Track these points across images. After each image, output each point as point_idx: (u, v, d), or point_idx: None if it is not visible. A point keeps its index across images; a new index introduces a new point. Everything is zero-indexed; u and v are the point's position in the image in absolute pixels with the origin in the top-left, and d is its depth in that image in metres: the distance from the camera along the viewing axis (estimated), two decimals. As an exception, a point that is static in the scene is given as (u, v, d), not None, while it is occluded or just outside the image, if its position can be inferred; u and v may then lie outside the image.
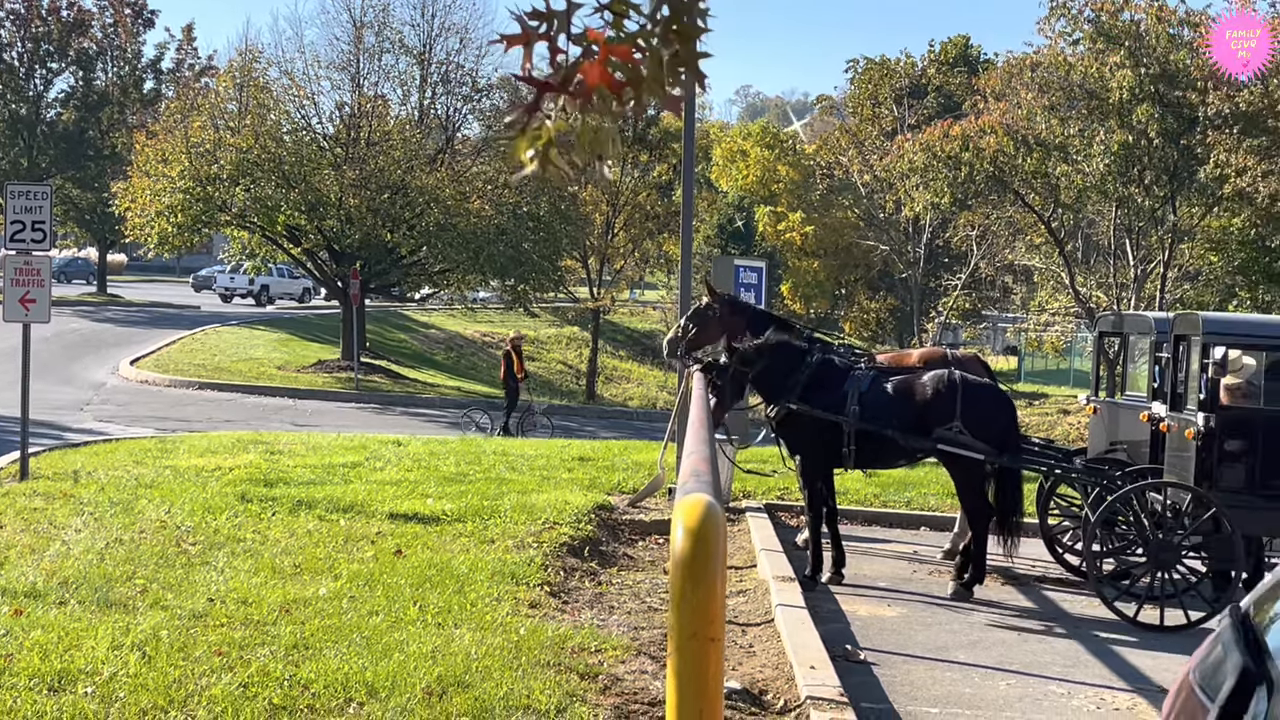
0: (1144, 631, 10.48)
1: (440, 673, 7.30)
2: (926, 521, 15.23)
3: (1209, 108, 27.69)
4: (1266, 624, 2.28)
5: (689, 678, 2.92)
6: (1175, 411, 11.34)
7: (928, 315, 42.78)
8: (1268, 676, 2.03)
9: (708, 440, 5.06)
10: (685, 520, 2.92)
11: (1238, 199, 28.30)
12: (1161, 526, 10.76)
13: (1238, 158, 27.16)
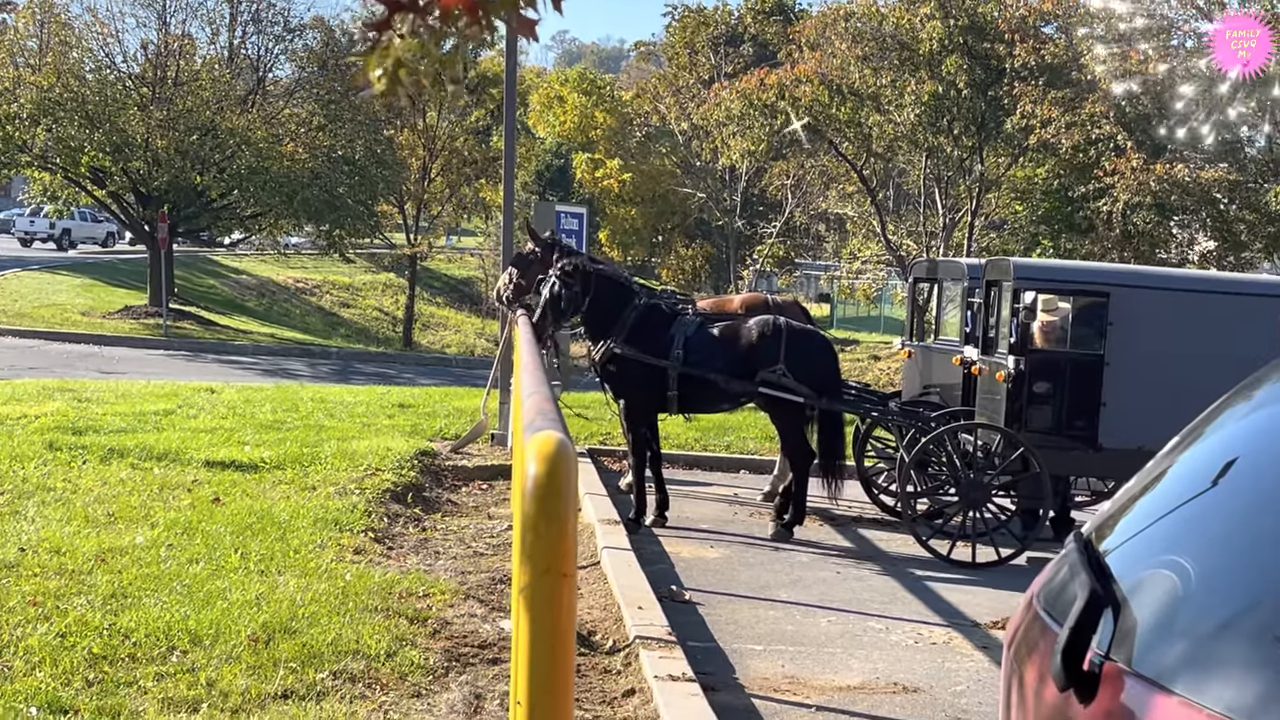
0: (957, 568, 10.79)
1: (265, 620, 7.18)
2: (746, 465, 15.44)
3: (1015, 60, 28.37)
4: (1107, 550, 2.35)
5: (542, 616, 2.90)
6: (987, 355, 11.65)
7: (744, 263, 43.23)
8: (1113, 598, 2.10)
9: (546, 381, 5.04)
10: (538, 456, 2.90)
11: (1042, 149, 29.09)
12: (973, 467, 11.07)
13: (1043, 109, 27.89)
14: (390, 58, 2.24)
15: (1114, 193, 27.41)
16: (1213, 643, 1.90)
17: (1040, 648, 2.32)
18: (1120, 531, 2.44)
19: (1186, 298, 11.05)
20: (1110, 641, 2.05)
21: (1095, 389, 10.92)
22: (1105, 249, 28.48)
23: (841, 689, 7.53)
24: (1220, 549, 2.11)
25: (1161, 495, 2.42)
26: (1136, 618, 2.05)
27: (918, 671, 7.93)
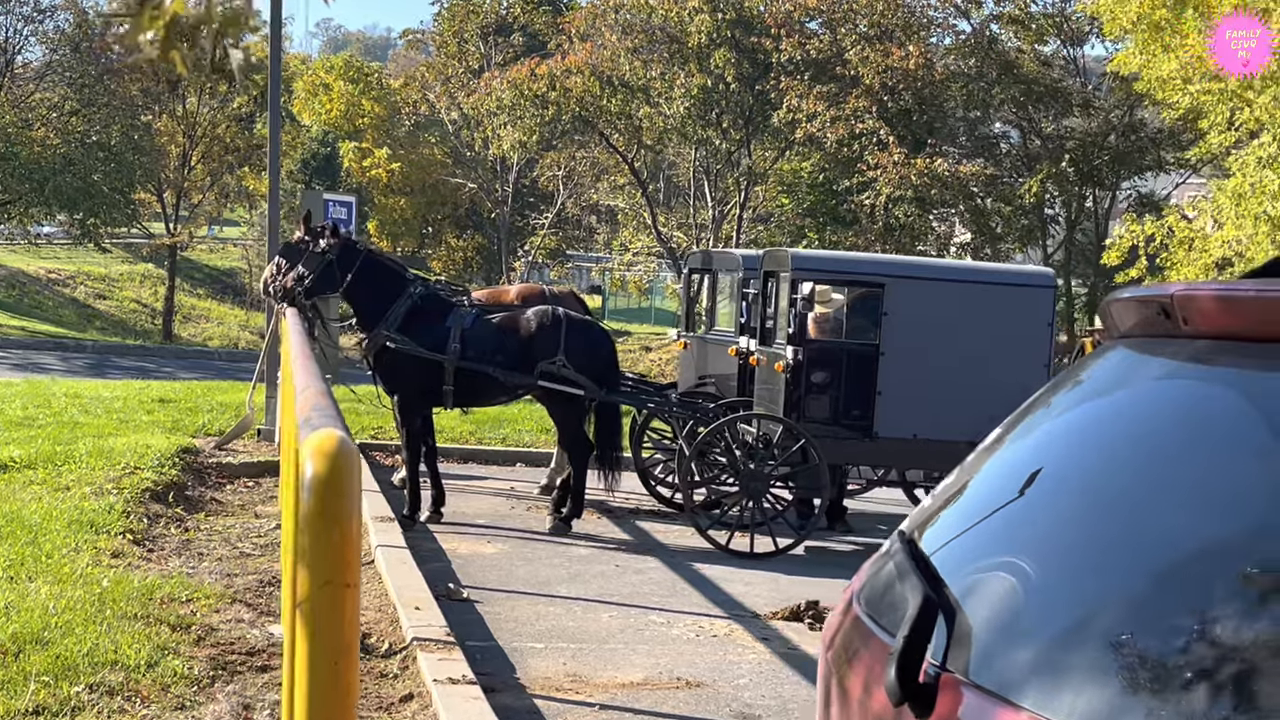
0: (736, 559, 10.79)
1: (15, 630, 6.70)
2: (522, 458, 15.26)
3: (782, 54, 28.74)
4: (932, 550, 2.23)
5: (323, 630, 2.67)
6: (765, 346, 11.69)
7: (515, 254, 42.98)
8: (947, 603, 1.97)
9: (319, 375, 4.77)
10: (317, 456, 2.66)
11: (808, 143, 29.54)
12: (753, 457, 11.09)
13: (808, 103, 28.32)
14: (164, 17, 1.99)
15: (877, 186, 28.00)
16: (1058, 651, 1.79)
17: (865, 654, 2.18)
18: (944, 530, 2.32)
19: (957, 288, 11.26)
20: (945, 650, 1.92)
21: (871, 379, 11.06)
22: (869, 241, 29.08)
23: (625, 686, 7.40)
24: (1059, 550, 2.01)
25: (988, 491, 2.32)
26: (973, 625, 1.93)
27: (700, 665, 7.86)
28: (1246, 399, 1.95)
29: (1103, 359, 2.39)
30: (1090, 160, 30.05)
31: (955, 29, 32.11)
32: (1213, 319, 2.00)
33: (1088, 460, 2.16)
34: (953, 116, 32.07)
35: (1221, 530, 1.80)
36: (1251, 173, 18.35)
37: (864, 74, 28.29)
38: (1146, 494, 1.97)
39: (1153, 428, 2.09)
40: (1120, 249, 21.14)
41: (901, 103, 29.26)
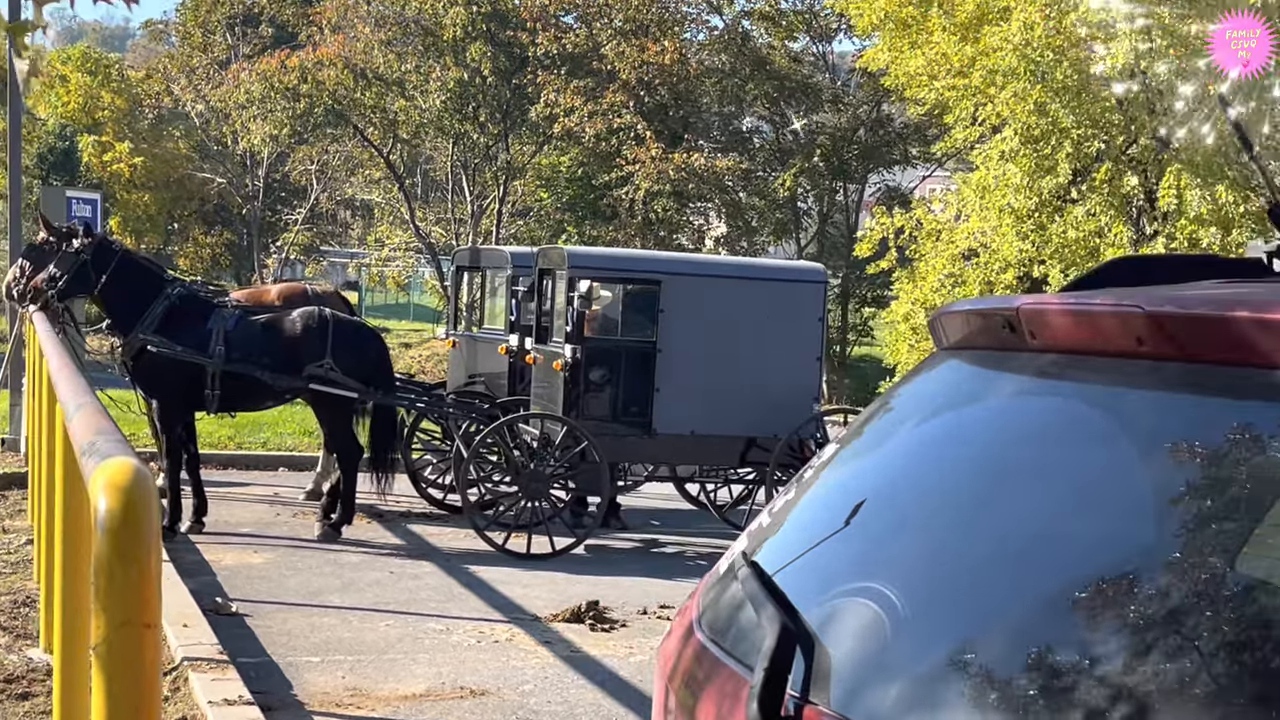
0: (513, 561, 10.68)
1: None
2: (285, 462, 14.86)
3: (538, 48, 28.66)
4: (776, 571, 2.17)
5: (122, 674, 2.47)
6: (542, 344, 11.59)
7: (267, 251, 41.91)
8: (804, 631, 1.91)
9: (87, 388, 4.49)
10: (110, 491, 2.46)
11: (566, 137, 29.52)
12: (533, 457, 10.99)
13: (566, 98, 28.29)
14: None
15: (635, 180, 28.15)
16: (929, 680, 1.74)
17: (715, 685, 2.11)
18: (788, 551, 2.26)
19: (733, 285, 11.36)
20: (806, 682, 1.85)
21: (649, 376, 11.08)
22: (629, 235, 29.23)
23: (407, 698, 7.23)
24: (924, 574, 1.96)
25: (833, 511, 2.26)
26: (836, 655, 1.87)
27: (484, 673, 7.73)
28: (1100, 412, 1.95)
29: (933, 371, 2.36)
30: (840, 155, 30.76)
31: (708, 25, 32.52)
32: (1061, 333, 1.99)
33: (941, 477, 2.13)
34: (708, 111, 32.46)
35: (1089, 548, 1.79)
36: (994, 166, 19.02)
37: (620, 69, 28.41)
38: (1009, 513, 1.94)
39: (1006, 444, 2.07)
40: (871, 241, 21.70)
41: (658, 97, 29.49)
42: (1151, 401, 1.86)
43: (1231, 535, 1.62)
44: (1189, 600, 1.58)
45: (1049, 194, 18.81)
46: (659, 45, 28.58)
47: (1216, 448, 1.73)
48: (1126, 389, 1.89)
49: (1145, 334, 1.82)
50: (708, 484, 12.42)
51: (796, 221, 32.60)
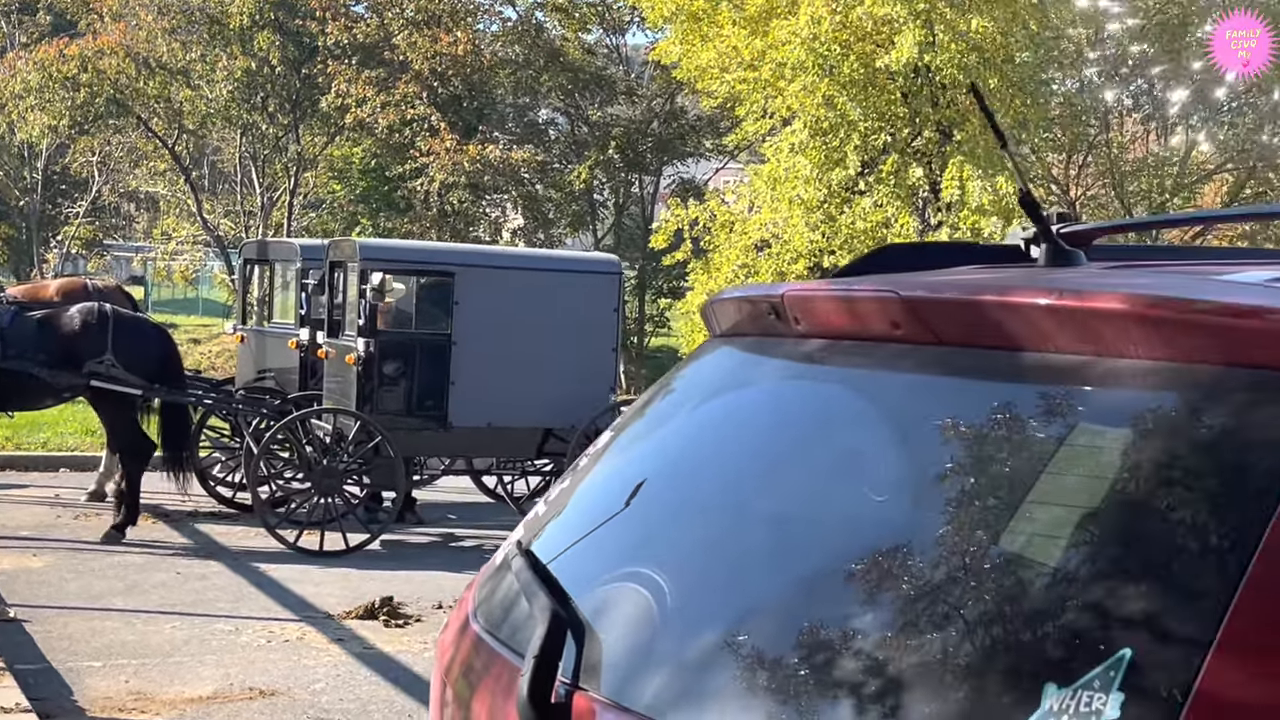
0: (305, 559, 10.51)
1: None
2: (67, 463, 14.38)
3: (329, 37, 28.21)
4: (551, 559, 2.17)
5: None
6: (334, 338, 11.42)
7: (47, 245, 40.47)
8: (576, 619, 1.91)
9: None
10: None
11: (359, 128, 29.12)
12: (326, 453, 10.83)
13: (358, 88, 27.90)
14: None
15: (430, 172, 27.91)
16: (699, 665, 1.75)
17: (490, 678, 2.10)
18: (562, 539, 2.26)
19: (527, 276, 11.35)
20: (577, 668, 1.85)
21: (444, 369, 11.00)
22: (424, 228, 28.95)
23: (194, 700, 7.07)
24: (693, 560, 1.98)
25: (606, 499, 2.27)
26: (608, 641, 1.88)
27: (274, 673, 7.60)
28: (862, 395, 1.98)
29: (706, 357, 2.38)
30: (635, 147, 30.93)
31: (502, 16, 32.40)
32: (824, 318, 2.02)
33: (708, 464, 2.15)
34: (502, 103, 32.35)
35: (854, 529, 1.82)
36: (785, 159, 19.35)
37: (413, 59, 28.12)
38: (777, 496, 1.97)
39: (775, 429, 2.10)
40: (666, 232, 21.88)
41: (452, 88, 29.27)
42: (909, 384, 1.90)
43: (990, 512, 1.66)
44: (952, 577, 1.62)
45: (838, 185, 19.19)
46: (451, 36, 28.38)
47: (971, 428, 1.78)
48: (885, 372, 1.94)
49: (900, 318, 1.86)
50: (505, 476, 12.39)
51: (593, 213, 32.70)
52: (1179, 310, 1.58)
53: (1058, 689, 1.40)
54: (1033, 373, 1.72)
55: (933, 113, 19.30)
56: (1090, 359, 1.66)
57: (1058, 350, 1.69)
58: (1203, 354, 1.55)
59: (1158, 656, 1.38)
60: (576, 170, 30.28)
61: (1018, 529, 1.62)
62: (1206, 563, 1.42)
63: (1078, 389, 1.68)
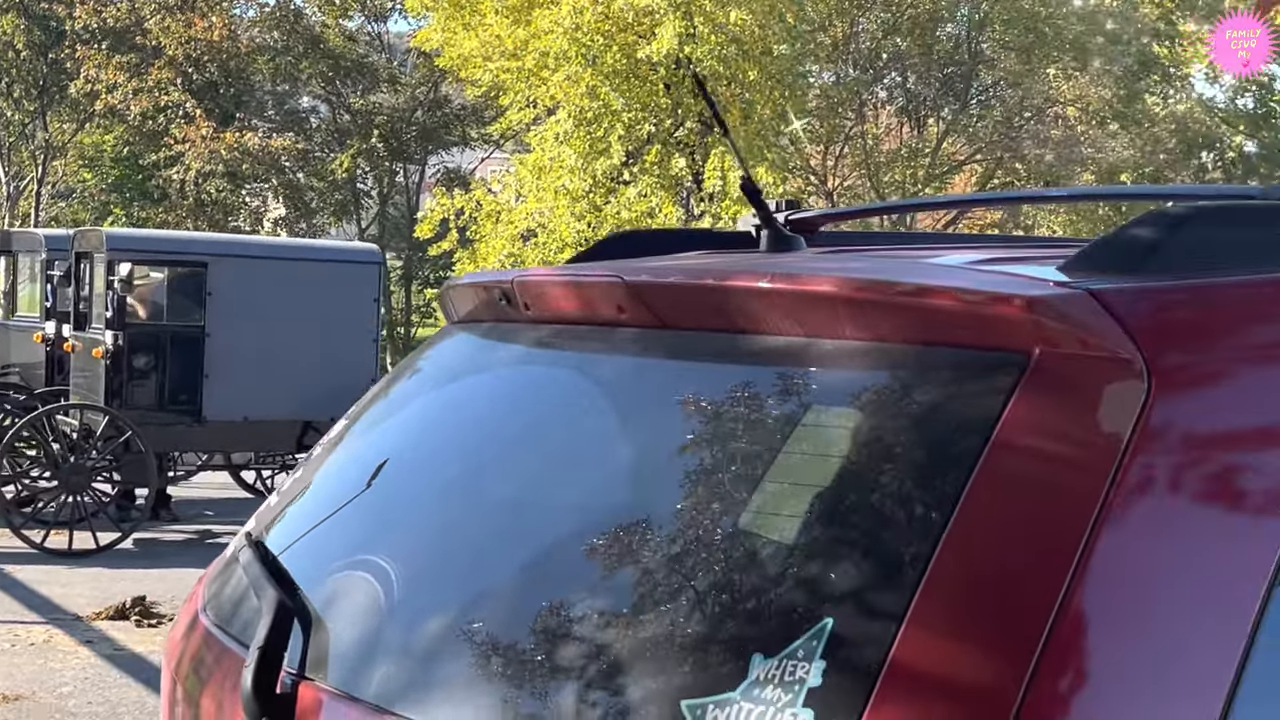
0: (53, 559, 10.14)
1: None
2: None
3: (77, 21, 27.24)
4: (283, 550, 2.14)
5: None
6: (80, 331, 11.04)
7: None
8: (303, 608, 1.89)
9: None
10: None
11: (110, 115, 28.22)
12: (74, 450, 10.46)
13: (108, 74, 27.02)
14: None
15: (186, 160, 27.20)
16: (430, 657, 1.75)
17: (220, 670, 2.06)
18: (293, 529, 2.23)
19: (283, 266, 11.13)
20: (303, 659, 1.83)
21: (198, 361, 10.72)
22: (180, 217, 28.17)
23: (-67, 710, 6.76)
24: (422, 548, 1.97)
25: (338, 487, 2.25)
26: (336, 630, 1.86)
27: (18, 677, 7.31)
28: (591, 380, 2.00)
29: (442, 344, 2.38)
30: (399, 135, 30.64)
31: (259, 1, 31.70)
32: (550, 303, 2.03)
33: (441, 450, 2.14)
34: (261, 90, 31.67)
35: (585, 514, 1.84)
36: (550, 148, 19.38)
37: (166, 44, 27.33)
38: (509, 483, 1.97)
39: (507, 415, 2.10)
40: (432, 222, 21.70)
41: (207, 75, 28.53)
42: (635, 367, 1.93)
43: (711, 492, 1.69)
44: (673, 557, 1.64)
45: (603, 175, 19.30)
46: (206, 21, 27.66)
47: (694, 410, 1.81)
48: (613, 356, 1.96)
49: (625, 303, 1.88)
50: (264, 471, 12.14)
51: (357, 203, 32.29)
52: (883, 292, 1.64)
53: (764, 659, 1.44)
54: (751, 354, 1.76)
55: (694, 104, 19.54)
56: (805, 340, 1.70)
57: (774, 332, 1.73)
58: (906, 334, 1.61)
59: (857, 627, 1.43)
60: (339, 159, 29.84)
61: (736, 508, 1.65)
62: (905, 537, 1.46)
63: (794, 370, 1.72)
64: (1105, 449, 1.42)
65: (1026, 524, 1.42)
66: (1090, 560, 1.37)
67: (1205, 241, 1.60)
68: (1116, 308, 1.48)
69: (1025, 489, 1.44)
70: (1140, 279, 1.56)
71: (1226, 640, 1.39)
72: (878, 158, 29.26)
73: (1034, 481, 1.45)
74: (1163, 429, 1.44)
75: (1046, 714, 1.33)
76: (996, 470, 1.44)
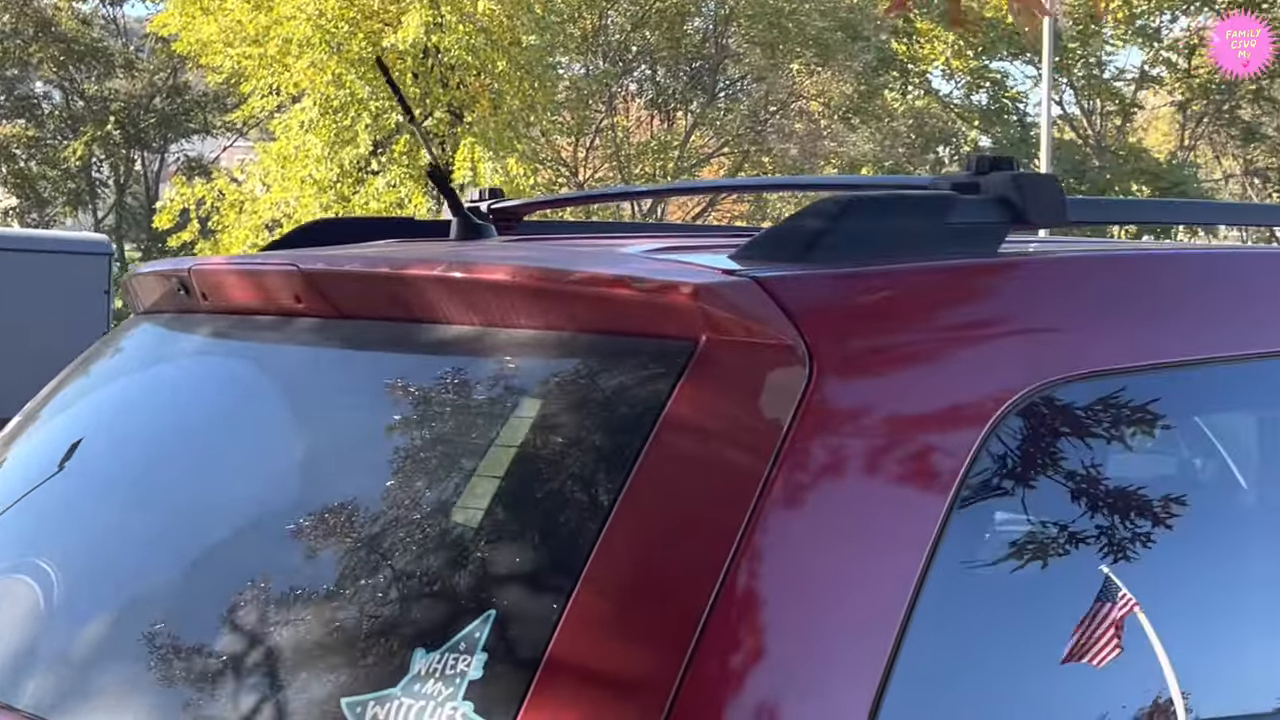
0: None
1: None
2: None
3: None
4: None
5: None
6: None
7: None
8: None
9: None
10: None
11: None
12: None
13: None
14: None
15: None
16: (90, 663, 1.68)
17: None
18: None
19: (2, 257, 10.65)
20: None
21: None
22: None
23: None
24: (86, 548, 1.88)
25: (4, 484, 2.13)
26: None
27: None
28: (270, 372, 1.95)
29: (127, 335, 2.29)
30: (137, 123, 29.64)
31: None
32: (227, 293, 1.97)
33: (113, 448, 2.06)
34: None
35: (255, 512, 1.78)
36: (295, 136, 19.00)
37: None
38: (178, 480, 1.90)
39: (180, 410, 2.03)
40: (171, 212, 21.01)
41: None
42: (313, 359, 1.89)
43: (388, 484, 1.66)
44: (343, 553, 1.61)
45: (350, 165, 19.02)
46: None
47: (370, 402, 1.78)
48: (291, 346, 1.91)
49: (302, 292, 1.83)
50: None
51: (92, 192, 31.15)
52: (554, 281, 1.63)
53: (426, 653, 1.42)
54: (428, 344, 1.74)
55: (443, 94, 19.40)
56: (481, 330, 1.69)
57: (451, 321, 1.71)
58: (578, 323, 1.61)
59: (520, 618, 1.42)
60: (72, 146, 28.72)
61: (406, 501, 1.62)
62: (569, 528, 1.46)
63: (470, 359, 1.71)
64: (767, 433, 1.44)
65: (689, 510, 1.43)
66: (751, 543, 1.38)
67: (868, 231, 1.63)
68: (780, 295, 1.50)
69: (688, 476, 1.45)
70: (805, 267, 1.58)
71: (887, 614, 1.42)
72: (628, 150, 29.51)
73: (697, 468, 1.46)
74: (824, 412, 1.46)
75: (706, 699, 1.33)
76: (660, 458, 1.45)
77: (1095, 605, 1.57)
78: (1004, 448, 1.55)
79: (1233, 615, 1.72)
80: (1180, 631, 1.64)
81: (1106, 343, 1.68)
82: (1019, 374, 1.57)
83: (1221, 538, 1.76)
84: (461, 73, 19.48)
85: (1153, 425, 1.76)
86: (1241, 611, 1.76)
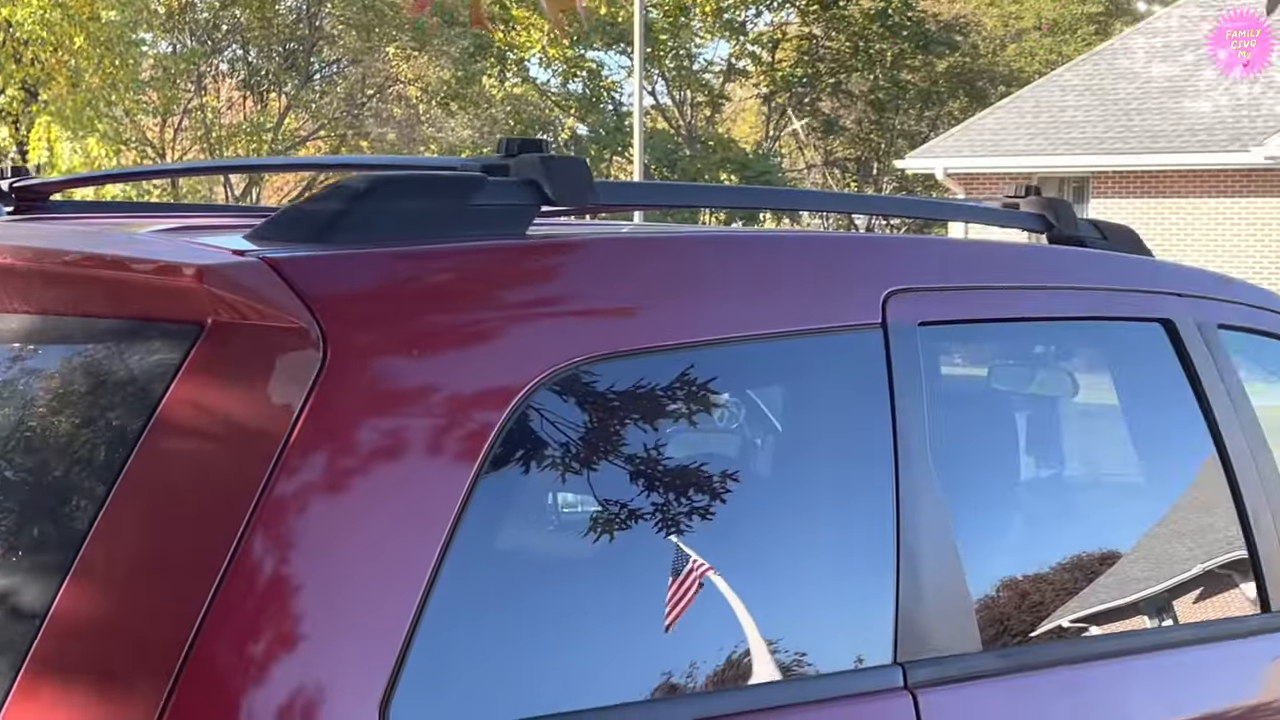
0: None
1: None
2: None
3: None
4: None
5: None
6: None
7: None
8: None
9: None
10: None
11: None
12: None
13: None
14: None
15: None
16: None
17: None
18: None
19: None
20: None
21: None
22: None
23: None
24: None
25: None
26: None
27: None
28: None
29: None
30: None
31: None
32: None
33: None
34: None
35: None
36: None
37: None
38: None
39: None
40: None
41: None
42: None
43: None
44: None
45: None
46: None
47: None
48: None
49: None
50: None
51: None
52: (51, 262, 1.55)
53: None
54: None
55: (16, 70, 18.41)
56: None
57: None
58: (79, 306, 1.54)
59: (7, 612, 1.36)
60: None
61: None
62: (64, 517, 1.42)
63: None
64: (277, 415, 1.41)
65: (192, 497, 1.40)
66: (259, 528, 1.35)
67: (389, 212, 1.61)
68: (293, 277, 1.47)
69: (192, 461, 1.42)
70: (322, 248, 1.55)
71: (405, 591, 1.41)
72: (219, 131, 28.61)
73: (202, 451, 1.42)
74: (339, 394, 1.44)
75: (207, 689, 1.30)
76: (158, 444, 1.40)
77: (606, 570, 1.63)
78: (528, 426, 1.56)
79: (736, 581, 1.77)
80: (662, 591, 1.69)
81: (630, 323, 1.72)
82: (543, 354, 1.58)
83: (734, 509, 1.81)
84: (36, 48, 18.51)
85: (676, 402, 1.80)
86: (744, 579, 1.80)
